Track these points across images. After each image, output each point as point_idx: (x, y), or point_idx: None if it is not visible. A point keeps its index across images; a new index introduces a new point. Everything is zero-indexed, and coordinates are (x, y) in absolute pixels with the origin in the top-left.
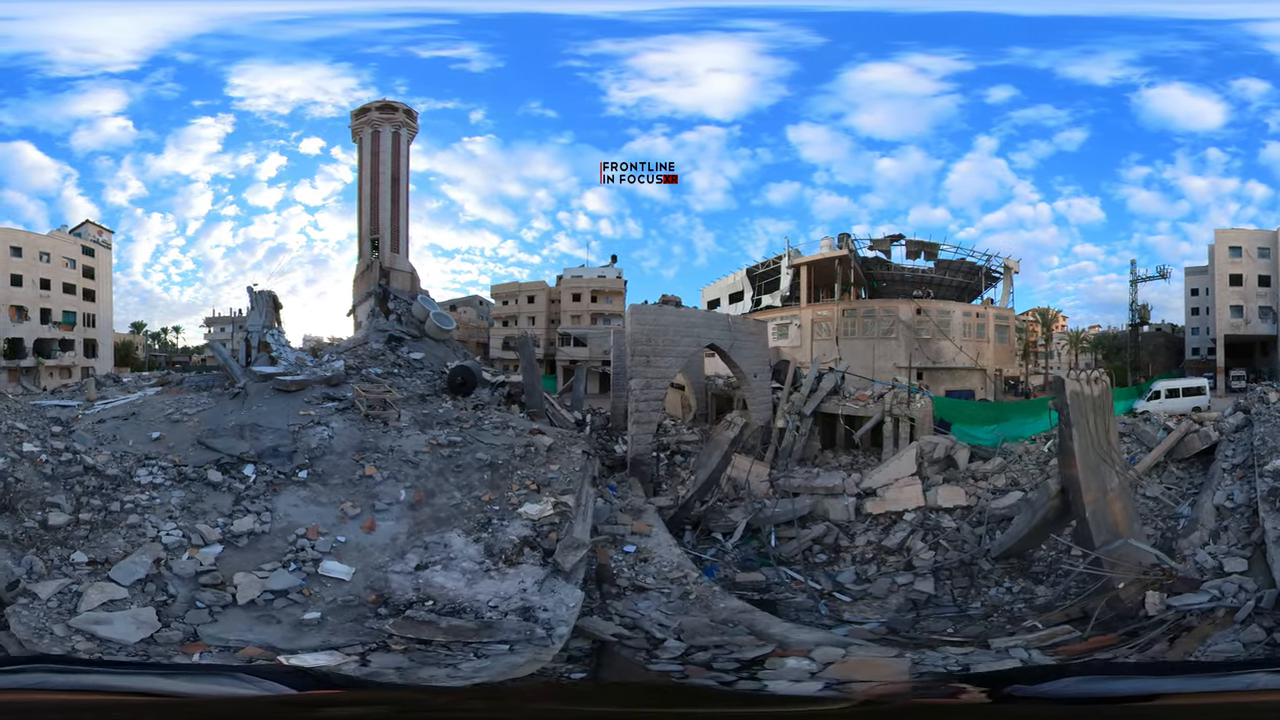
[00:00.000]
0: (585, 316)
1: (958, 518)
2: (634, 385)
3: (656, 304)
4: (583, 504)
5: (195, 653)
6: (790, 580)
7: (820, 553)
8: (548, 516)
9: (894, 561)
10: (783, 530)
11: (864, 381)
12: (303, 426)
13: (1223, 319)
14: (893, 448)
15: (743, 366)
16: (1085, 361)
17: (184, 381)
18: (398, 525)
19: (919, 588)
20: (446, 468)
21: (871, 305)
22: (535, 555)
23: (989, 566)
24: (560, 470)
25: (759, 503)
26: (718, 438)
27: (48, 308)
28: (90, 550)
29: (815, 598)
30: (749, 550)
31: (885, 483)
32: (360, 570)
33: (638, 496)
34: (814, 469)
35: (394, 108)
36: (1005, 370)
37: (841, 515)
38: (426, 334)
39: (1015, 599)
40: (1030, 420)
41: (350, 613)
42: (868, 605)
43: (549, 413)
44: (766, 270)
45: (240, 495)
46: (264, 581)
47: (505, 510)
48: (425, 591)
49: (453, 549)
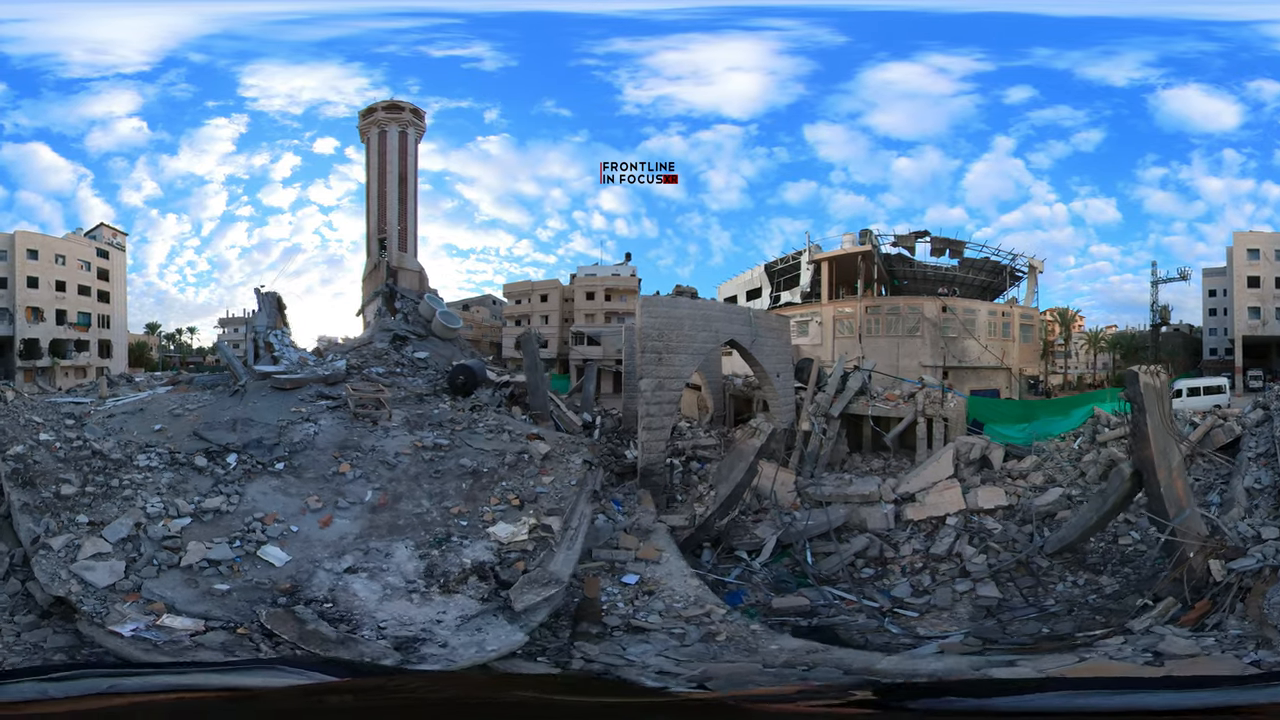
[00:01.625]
0: (599, 315)
1: (1000, 518)
2: (644, 386)
3: (670, 295)
4: (572, 527)
5: (129, 601)
6: (838, 601)
7: (865, 567)
8: (519, 542)
9: (947, 569)
10: (817, 545)
11: (888, 381)
12: (290, 422)
13: (1241, 320)
14: (926, 449)
15: (765, 365)
16: (1103, 361)
17: (193, 380)
18: (353, 525)
19: (983, 593)
20: (424, 472)
21: (896, 302)
22: (484, 587)
23: (1046, 564)
24: (554, 484)
25: (787, 515)
26: (741, 446)
27: (63, 309)
28: (91, 514)
29: (877, 616)
30: (779, 569)
31: (923, 487)
32: (295, 560)
33: (647, 512)
34: (845, 475)
35: (400, 107)
36: (1027, 370)
37: (880, 524)
38: (433, 333)
39: (1084, 591)
40: (1058, 418)
41: (256, 593)
42: (936, 618)
43: (554, 415)
44: (786, 266)
45: (219, 479)
46: (207, 552)
47: (473, 528)
48: (336, 595)
49: (393, 560)
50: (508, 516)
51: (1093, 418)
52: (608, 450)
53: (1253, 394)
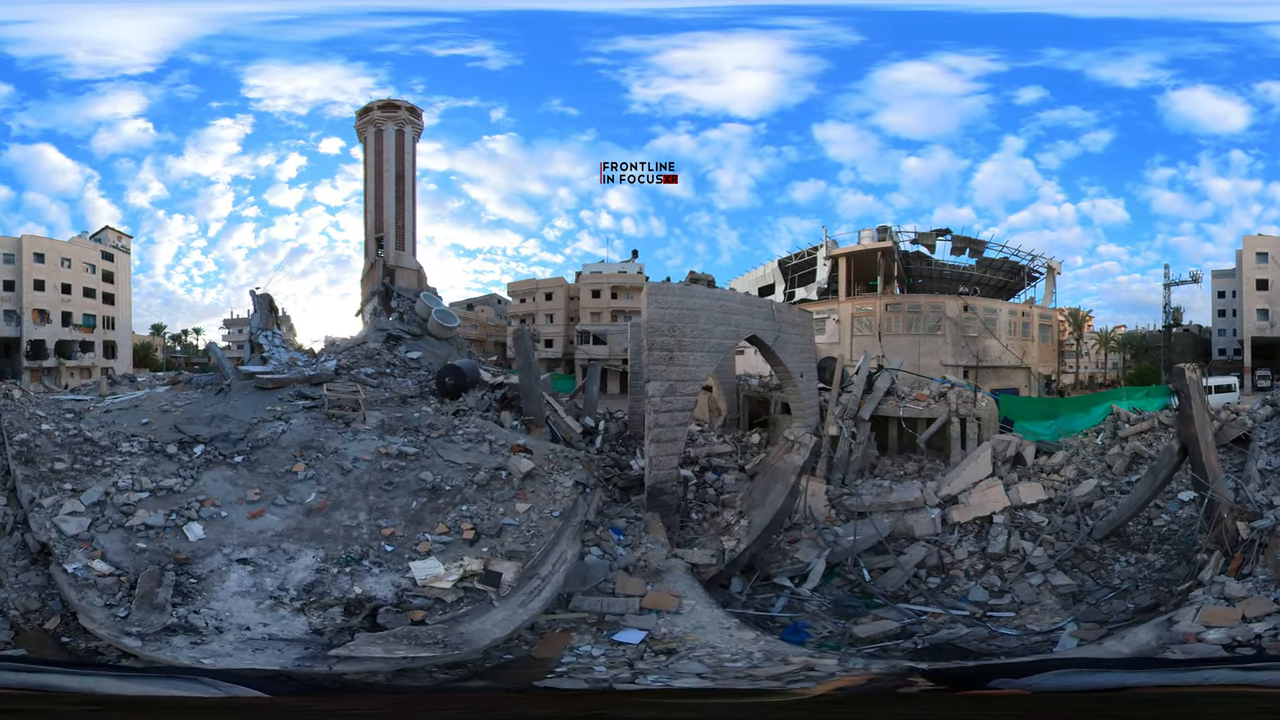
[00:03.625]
0: (605, 314)
1: (1042, 511)
2: (652, 390)
3: (683, 283)
4: (540, 576)
5: (83, 548)
6: (925, 616)
7: (929, 576)
8: (438, 589)
9: (1011, 566)
10: (869, 560)
11: (914, 381)
12: (262, 420)
13: (1249, 322)
14: (960, 450)
15: (788, 364)
16: (1114, 361)
17: (192, 380)
18: (280, 523)
19: (1056, 582)
20: (377, 482)
21: (917, 300)
22: (337, 622)
23: (1098, 548)
24: (530, 513)
25: (828, 531)
26: (778, 464)
27: (69, 311)
28: (75, 484)
29: (977, 623)
30: (834, 593)
31: (964, 487)
32: (207, 539)
33: (656, 543)
34: (881, 481)
35: (396, 106)
36: (1044, 370)
37: (928, 530)
38: (429, 332)
39: (1139, 568)
40: (1080, 415)
41: (161, 556)
42: (1030, 613)
43: (551, 420)
44: (800, 262)
45: (183, 465)
46: (147, 519)
47: (398, 555)
48: (210, 576)
49: (291, 565)
50: (449, 551)
51: (1112, 415)
52: (610, 461)
53: (1261, 393)
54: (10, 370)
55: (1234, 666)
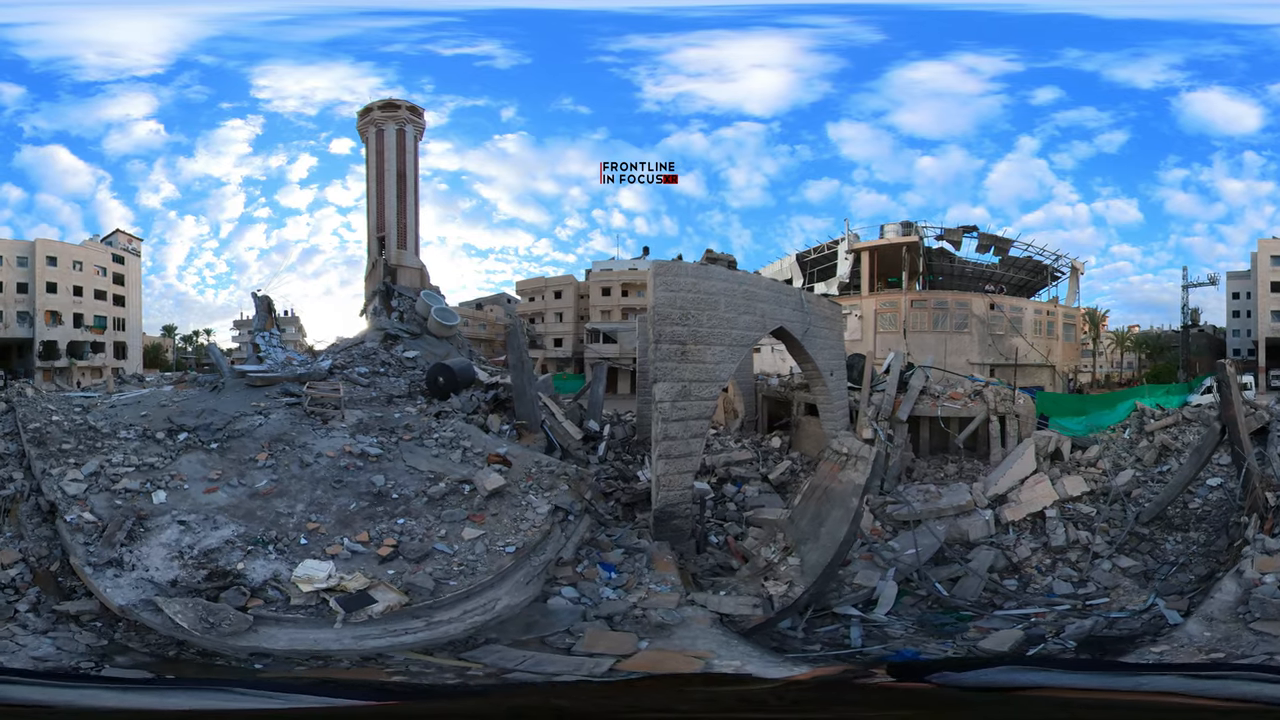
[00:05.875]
0: (615, 312)
1: (1087, 503)
2: (660, 393)
3: (699, 263)
4: (435, 619)
5: (79, 505)
6: (1034, 619)
7: (1003, 578)
8: (298, 590)
9: (1077, 557)
10: (933, 571)
11: (946, 379)
12: (244, 414)
13: (1264, 323)
14: (999, 448)
15: (818, 361)
16: (1129, 360)
17: (196, 379)
18: (227, 500)
19: (1123, 565)
20: (328, 478)
21: (944, 297)
22: (196, 580)
23: (1146, 530)
24: (475, 543)
25: (881, 546)
26: (830, 484)
27: (80, 313)
28: (77, 460)
29: (1088, 614)
30: (911, 612)
31: (1011, 485)
32: (165, 504)
33: (662, 582)
34: (926, 486)
35: (396, 105)
36: (1067, 368)
37: (983, 532)
38: (429, 331)
39: (1186, 544)
40: (1107, 412)
41: (127, 512)
42: (1118, 596)
43: (547, 425)
44: (820, 256)
45: (167, 448)
46: (127, 485)
47: (307, 550)
48: (151, 529)
49: (215, 533)
50: (354, 561)
51: (1136, 411)
52: (614, 472)
53: (1275, 391)
54: (24, 370)
55: (1181, 674)
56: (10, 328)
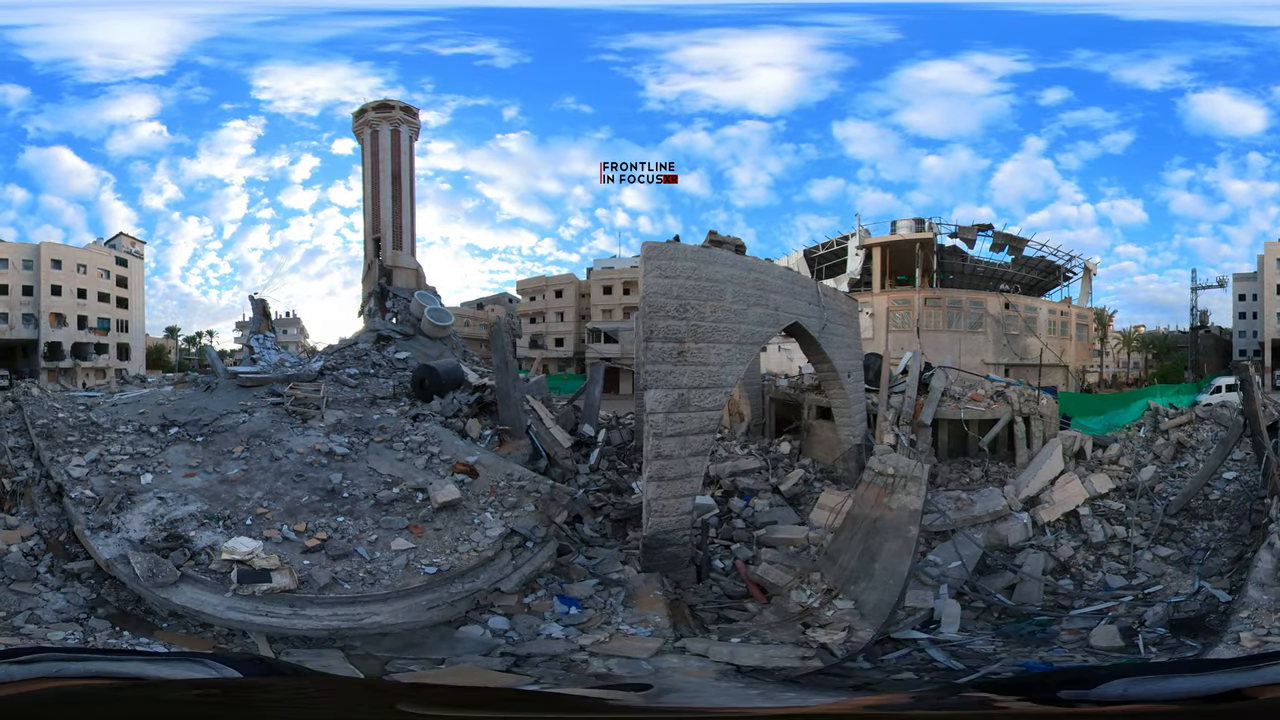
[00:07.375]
0: (617, 311)
1: (1115, 499)
2: (652, 402)
3: (701, 246)
4: (309, 613)
5: (82, 485)
6: (1106, 615)
7: (1060, 580)
8: (218, 558)
9: (1119, 551)
10: (983, 582)
11: (958, 378)
12: (230, 411)
13: (1270, 325)
14: (1025, 450)
15: (835, 360)
16: (1135, 360)
17: (196, 380)
18: (200, 484)
19: (1163, 554)
20: (291, 472)
21: (958, 295)
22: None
23: (1174, 521)
24: (397, 556)
25: (924, 562)
26: (877, 512)
27: (84, 315)
28: (80, 450)
29: (1150, 602)
30: (977, 627)
31: (1041, 486)
32: (150, 484)
33: (642, 624)
34: (956, 493)
35: (390, 106)
36: (1079, 368)
37: (1021, 536)
38: (423, 332)
39: (1213, 533)
40: (1123, 411)
41: (119, 489)
42: (1168, 583)
43: (533, 431)
44: (829, 252)
45: (158, 440)
46: (121, 468)
47: (251, 528)
48: (136, 503)
49: (182, 508)
50: (282, 545)
51: (1150, 410)
52: (606, 484)
53: None
54: (29, 370)
55: None
56: (16, 329)
